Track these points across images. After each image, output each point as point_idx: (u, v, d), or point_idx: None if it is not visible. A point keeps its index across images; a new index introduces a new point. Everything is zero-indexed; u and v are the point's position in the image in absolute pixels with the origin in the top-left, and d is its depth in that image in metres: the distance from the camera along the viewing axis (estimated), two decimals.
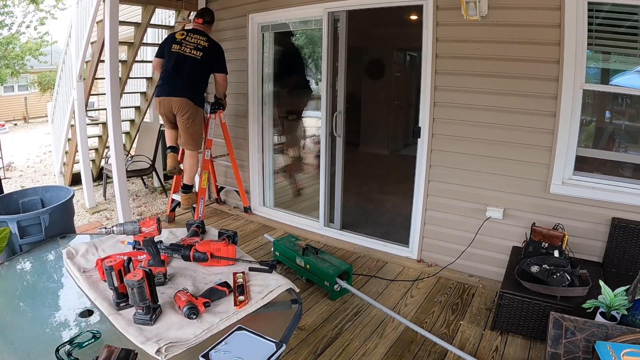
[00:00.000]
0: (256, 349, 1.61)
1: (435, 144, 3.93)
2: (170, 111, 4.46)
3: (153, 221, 2.06)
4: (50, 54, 18.09)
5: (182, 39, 4.48)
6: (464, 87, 3.70)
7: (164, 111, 4.50)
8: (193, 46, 4.45)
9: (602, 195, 3.29)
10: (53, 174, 8.04)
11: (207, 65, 4.53)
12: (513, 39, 3.41)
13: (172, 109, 4.43)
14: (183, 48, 4.43)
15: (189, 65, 4.42)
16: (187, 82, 4.43)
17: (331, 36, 4.46)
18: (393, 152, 9.11)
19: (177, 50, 4.43)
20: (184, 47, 4.43)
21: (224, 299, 1.95)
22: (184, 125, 4.49)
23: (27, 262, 2.44)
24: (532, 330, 2.96)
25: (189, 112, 4.43)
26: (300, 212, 5.43)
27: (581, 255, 3.37)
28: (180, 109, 4.40)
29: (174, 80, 4.43)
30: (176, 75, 4.42)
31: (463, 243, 3.90)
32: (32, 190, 3.57)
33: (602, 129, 3.65)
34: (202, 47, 4.47)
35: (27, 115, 18.75)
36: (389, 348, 2.96)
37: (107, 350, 1.47)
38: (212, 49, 4.54)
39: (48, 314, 1.89)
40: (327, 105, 4.61)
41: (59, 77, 6.59)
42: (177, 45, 4.45)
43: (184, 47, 4.43)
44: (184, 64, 4.41)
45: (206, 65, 4.53)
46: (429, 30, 3.76)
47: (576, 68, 3.22)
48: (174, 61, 4.43)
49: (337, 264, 3.66)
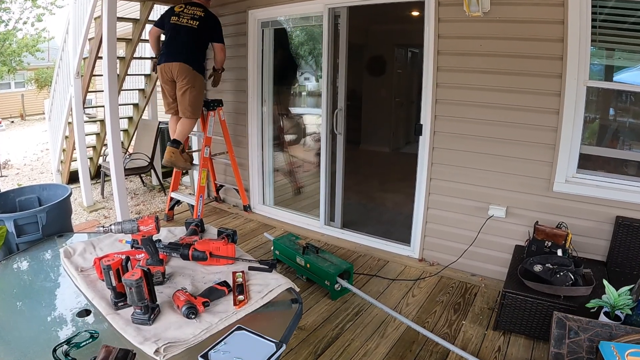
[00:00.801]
0: (256, 349, 1.61)
1: (437, 142, 3.93)
2: (171, 78, 4.55)
3: (151, 220, 2.06)
4: (47, 51, 18.11)
5: (180, 11, 4.59)
6: (466, 84, 3.69)
7: (166, 78, 4.57)
8: (189, 17, 4.56)
9: (606, 193, 3.29)
10: (50, 172, 8.05)
11: (204, 34, 4.62)
12: (516, 35, 3.40)
13: (173, 75, 4.52)
14: (180, 19, 4.55)
15: (185, 34, 4.53)
16: (184, 49, 4.52)
17: (332, 32, 4.45)
18: (394, 149, 9.10)
19: (174, 22, 4.55)
20: (181, 19, 4.55)
21: (223, 298, 1.95)
22: (182, 89, 4.54)
23: (24, 261, 2.44)
24: (535, 330, 2.95)
25: (188, 77, 4.50)
26: (300, 210, 5.43)
27: (585, 254, 3.36)
28: (179, 73, 4.47)
29: (172, 48, 4.55)
30: (174, 44, 4.55)
31: (465, 242, 3.90)
32: (29, 188, 3.58)
33: (606, 127, 3.65)
34: (198, 16, 4.57)
35: (24, 112, 18.74)
36: (390, 348, 2.96)
37: (104, 350, 1.47)
38: (208, 19, 4.65)
39: (45, 313, 1.89)
40: (327, 102, 4.60)
41: (56, 73, 6.59)
42: (175, 17, 4.56)
43: (181, 19, 4.55)
44: (180, 34, 4.53)
45: (203, 34, 4.61)
46: (430, 27, 3.75)
47: (580, 65, 3.21)
48: (172, 33, 4.57)
49: (337, 263, 3.66)
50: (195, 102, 4.62)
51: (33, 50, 16.44)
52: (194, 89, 4.55)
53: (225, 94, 5.44)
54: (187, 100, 4.55)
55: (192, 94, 4.54)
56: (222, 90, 5.39)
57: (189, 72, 4.48)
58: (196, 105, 4.64)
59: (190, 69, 4.48)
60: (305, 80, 6.98)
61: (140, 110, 6.86)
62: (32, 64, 17.95)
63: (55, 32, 20.56)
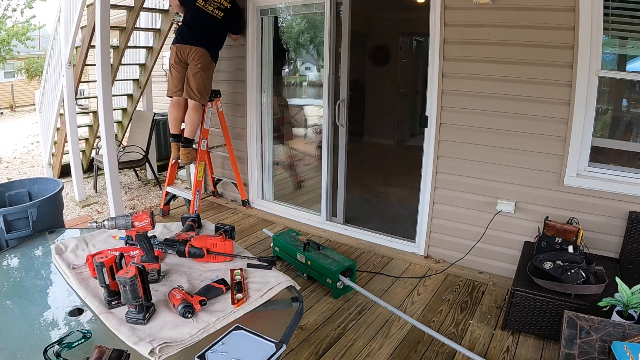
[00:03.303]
0: (255, 350, 1.61)
1: (443, 134, 3.92)
2: (184, 59, 4.64)
3: (146, 215, 2.06)
4: (38, 39, 18.08)
5: None
6: (473, 74, 3.67)
7: (179, 57, 4.65)
8: (216, 5, 4.67)
9: (618, 187, 3.28)
10: (41, 166, 8.04)
11: (226, 25, 4.83)
12: (525, 23, 3.39)
13: (187, 57, 4.62)
14: (207, 5, 4.64)
15: (209, 23, 4.66)
16: (207, 36, 4.67)
17: (334, 20, 4.44)
18: (399, 142, 9.11)
19: (200, 6, 4.63)
20: (208, 5, 4.64)
21: (221, 297, 1.95)
22: (195, 71, 4.64)
23: (13, 258, 2.44)
24: (545, 330, 2.95)
25: (204, 62, 4.64)
26: (301, 205, 5.44)
27: (596, 251, 3.36)
28: (195, 57, 4.60)
29: (193, 34, 4.65)
30: (196, 30, 4.66)
31: (472, 238, 3.89)
32: (19, 182, 3.57)
33: (619, 118, 3.63)
34: (225, 7, 4.71)
35: (14, 103, 18.73)
36: (395, 348, 2.96)
37: (98, 350, 1.47)
38: (233, 10, 4.79)
39: (36, 312, 1.89)
40: (329, 93, 4.59)
41: (48, 63, 6.57)
42: (202, 1, 4.63)
43: (208, 5, 4.64)
44: (204, 21, 4.65)
45: (226, 25, 4.82)
46: (436, 14, 3.73)
47: (591, 54, 3.19)
48: (195, 16, 4.67)
49: (340, 260, 3.66)
50: (204, 85, 4.72)
51: (23, 39, 16.42)
52: (205, 74, 4.68)
53: (223, 84, 5.42)
54: (197, 82, 4.65)
55: (202, 78, 4.67)
56: (220, 80, 5.37)
57: (206, 58, 4.64)
58: (204, 88, 4.73)
59: (208, 55, 4.64)
60: (306, 70, 6.97)
61: (134, 101, 6.83)
62: (22, 53, 17.95)
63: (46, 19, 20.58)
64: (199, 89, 4.66)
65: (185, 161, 4.96)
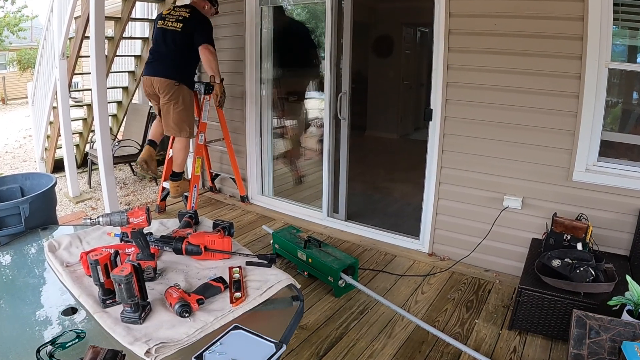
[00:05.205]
0: (254, 350, 1.60)
1: (448, 128, 3.91)
2: (154, 92, 4.47)
3: (142, 211, 2.05)
4: (30, 30, 18.06)
5: (167, 13, 4.50)
6: (479, 66, 3.66)
7: (149, 92, 4.52)
8: (174, 19, 4.43)
9: (629, 183, 3.27)
10: (34, 160, 8.05)
11: (188, 37, 4.43)
12: (532, 13, 3.37)
13: (154, 89, 4.44)
14: (166, 22, 4.44)
15: (170, 39, 4.41)
16: (169, 59, 4.42)
17: (335, 10, 4.41)
18: (402, 136, 9.09)
19: (160, 26, 4.46)
20: (167, 22, 4.44)
21: (219, 295, 1.94)
22: (164, 107, 4.46)
23: (5, 256, 2.44)
24: (554, 330, 2.95)
25: (171, 93, 4.38)
26: (301, 201, 5.43)
27: (606, 249, 3.36)
28: (160, 89, 4.38)
29: (156, 59, 4.46)
30: (158, 52, 4.45)
31: (478, 235, 3.89)
32: (10, 177, 3.59)
33: (630, 111, 3.63)
34: (183, 18, 4.41)
35: (6, 96, 18.74)
36: (398, 349, 2.96)
37: (92, 351, 1.46)
38: (193, 19, 4.44)
39: (28, 312, 1.88)
40: (330, 85, 4.57)
41: (40, 54, 6.57)
42: (162, 21, 4.47)
43: (167, 22, 4.44)
44: (165, 40, 4.42)
45: (188, 37, 4.42)
46: (441, 4, 3.71)
47: (601, 45, 3.17)
48: (156, 37, 4.47)
49: (341, 258, 3.65)
50: (180, 119, 4.49)
51: (15, 30, 16.41)
52: (178, 105, 4.43)
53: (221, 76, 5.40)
54: (171, 117, 4.45)
55: (175, 110, 4.44)
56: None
57: (171, 87, 4.37)
58: (181, 122, 4.51)
59: (173, 83, 4.36)
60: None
61: (130, 94, 6.84)
62: (14, 44, 17.93)
63: (38, 10, 20.53)
64: (176, 123, 4.47)
65: (175, 194, 4.92)
